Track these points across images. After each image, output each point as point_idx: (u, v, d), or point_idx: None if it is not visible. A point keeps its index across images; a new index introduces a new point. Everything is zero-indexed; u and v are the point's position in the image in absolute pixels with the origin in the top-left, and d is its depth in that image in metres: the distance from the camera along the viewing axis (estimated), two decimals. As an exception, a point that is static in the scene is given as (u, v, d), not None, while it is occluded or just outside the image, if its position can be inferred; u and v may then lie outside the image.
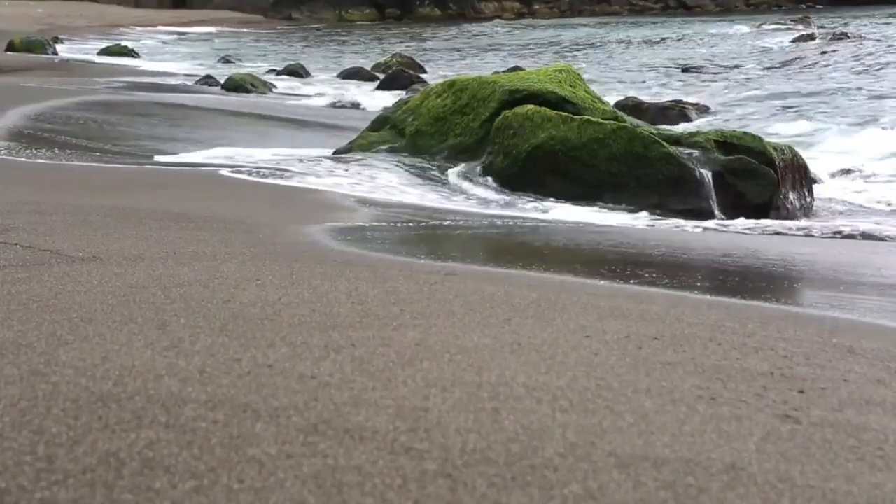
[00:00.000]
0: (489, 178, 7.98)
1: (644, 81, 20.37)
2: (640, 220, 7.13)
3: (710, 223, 7.03)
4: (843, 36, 26.62)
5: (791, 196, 7.82)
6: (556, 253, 5.55)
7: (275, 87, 19.51)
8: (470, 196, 7.67)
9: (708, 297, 4.20)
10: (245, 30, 50.14)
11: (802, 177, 8.05)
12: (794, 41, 27.12)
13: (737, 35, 32.77)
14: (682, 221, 7.03)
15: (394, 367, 2.70)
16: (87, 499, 1.84)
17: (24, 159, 8.18)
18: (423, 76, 20.73)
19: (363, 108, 15.75)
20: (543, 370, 2.74)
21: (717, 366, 2.91)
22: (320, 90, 19.77)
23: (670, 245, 5.80)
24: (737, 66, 22.38)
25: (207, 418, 2.23)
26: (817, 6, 60.79)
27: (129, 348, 2.76)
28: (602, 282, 4.39)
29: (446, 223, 6.32)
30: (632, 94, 16.68)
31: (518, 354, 2.89)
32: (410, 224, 6.21)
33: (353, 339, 2.97)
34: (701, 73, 20.25)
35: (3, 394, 2.33)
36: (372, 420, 2.27)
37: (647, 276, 4.65)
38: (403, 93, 16.97)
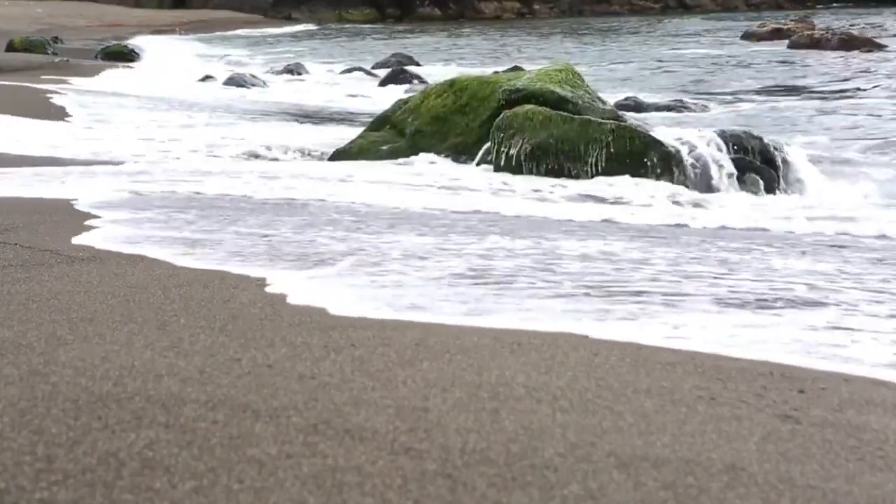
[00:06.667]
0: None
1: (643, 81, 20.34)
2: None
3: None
4: (849, 39, 25.87)
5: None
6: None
7: (274, 86, 19.51)
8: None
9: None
10: (244, 31, 50.13)
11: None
12: (790, 47, 26.51)
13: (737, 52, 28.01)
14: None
15: (394, 367, 2.70)
16: (86, 499, 1.83)
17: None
18: (423, 76, 20.72)
19: (361, 109, 15.66)
20: (543, 370, 2.73)
21: (717, 366, 2.91)
22: (320, 88, 19.75)
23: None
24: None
25: (207, 418, 2.23)
26: (818, 6, 60.71)
27: (129, 348, 2.76)
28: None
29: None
30: (632, 93, 16.67)
31: (518, 354, 2.88)
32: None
33: (353, 339, 2.97)
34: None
35: (3, 394, 2.33)
36: (372, 420, 2.27)
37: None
38: (403, 90, 16.93)
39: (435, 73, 21.03)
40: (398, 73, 20.73)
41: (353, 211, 5.79)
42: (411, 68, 22.09)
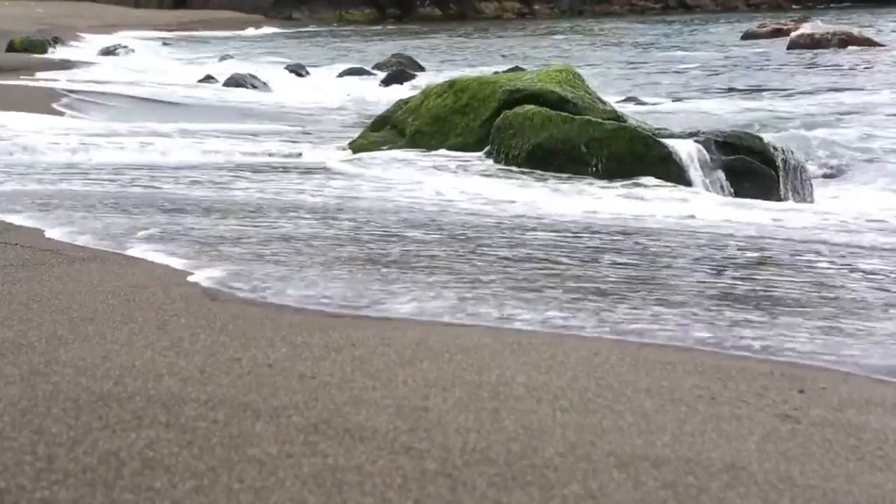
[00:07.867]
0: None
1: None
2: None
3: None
4: (849, 38, 25.51)
5: (791, 196, 7.83)
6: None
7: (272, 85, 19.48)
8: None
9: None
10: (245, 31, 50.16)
11: (801, 176, 8.07)
12: (790, 47, 26.32)
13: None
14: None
15: (394, 366, 2.70)
16: (87, 499, 1.84)
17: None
18: (424, 76, 20.74)
19: (368, 105, 15.60)
20: (543, 370, 2.74)
21: (717, 365, 2.91)
22: (320, 88, 19.73)
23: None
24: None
25: (207, 418, 2.23)
26: (818, 6, 60.62)
27: (130, 348, 2.76)
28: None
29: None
30: (632, 93, 16.67)
31: (518, 354, 2.89)
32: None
33: (353, 338, 2.97)
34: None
35: (4, 394, 2.34)
36: (372, 420, 2.27)
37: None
38: (404, 91, 16.90)
39: (435, 73, 21.04)
40: (398, 73, 20.73)
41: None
42: (412, 69, 22.09)
